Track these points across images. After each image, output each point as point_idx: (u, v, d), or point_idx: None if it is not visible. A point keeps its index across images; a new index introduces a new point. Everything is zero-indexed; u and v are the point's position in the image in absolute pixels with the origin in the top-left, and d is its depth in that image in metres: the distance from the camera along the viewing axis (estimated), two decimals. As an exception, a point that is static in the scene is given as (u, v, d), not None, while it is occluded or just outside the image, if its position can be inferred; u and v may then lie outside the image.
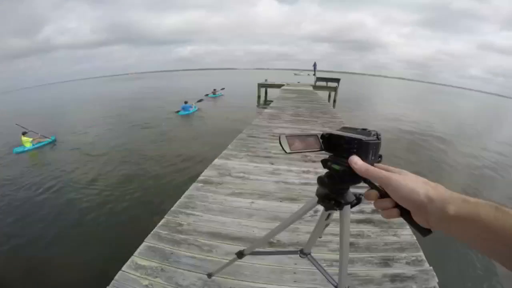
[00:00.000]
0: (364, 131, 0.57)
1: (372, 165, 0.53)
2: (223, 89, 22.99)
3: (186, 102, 14.25)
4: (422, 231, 0.43)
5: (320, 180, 0.66)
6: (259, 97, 21.45)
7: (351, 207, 0.72)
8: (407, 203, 0.43)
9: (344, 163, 0.55)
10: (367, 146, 0.53)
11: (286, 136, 0.60)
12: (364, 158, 0.53)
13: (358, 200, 0.71)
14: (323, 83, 20.31)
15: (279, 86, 20.13)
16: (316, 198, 0.75)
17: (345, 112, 14.08)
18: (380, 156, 0.56)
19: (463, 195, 0.40)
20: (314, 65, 22.05)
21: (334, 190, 0.68)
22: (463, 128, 15.47)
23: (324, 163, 0.63)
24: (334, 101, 20.05)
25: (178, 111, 14.08)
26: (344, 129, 0.62)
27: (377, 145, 0.54)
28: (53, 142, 9.24)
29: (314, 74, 21.43)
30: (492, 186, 7.07)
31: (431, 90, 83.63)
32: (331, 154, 0.61)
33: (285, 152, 0.59)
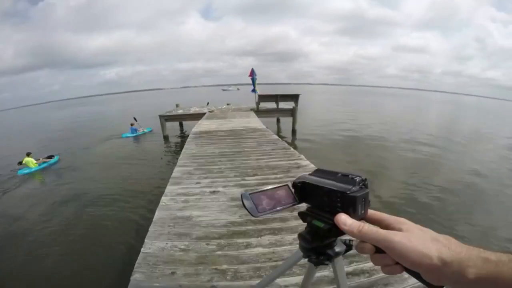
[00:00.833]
0: (346, 178, 0.46)
1: (363, 218, 0.45)
2: (132, 125, 13.77)
3: (132, 125, 13.58)
4: (432, 287, 0.37)
5: (302, 237, 0.57)
6: (166, 138, 12.25)
7: (343, 254, 0.60)
8: (417, 268, 0.37)
9: (328, 219, 0.46)
10: (355, 201, 0.43)
11: (250, 195, 0.49)
12: (352, 213, 0.44)
13: (349, 247, 0.60)
14: (270, 104, 12.27)
15: (195, 116, 11.41)
16: (300, 252, 0.62)
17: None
18: (369, 202, 0.45)
19: (481, 250, 0.35)
20: (252, 73, 12.32)
21: (320, 246, 0.57)
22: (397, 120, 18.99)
23: (303, 217, 0.53)
24: (293, 131, 12.26)
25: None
26: (319, 173, 0.51)
27: (365, 196, 0.44)
28: (57, 162, 9.45)
29: (254, 90, 12.44)
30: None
31: (355, 92, 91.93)
32: (309, 205, 0.52)
33: (252, 215, 0.48)
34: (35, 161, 8.47)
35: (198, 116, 11.42)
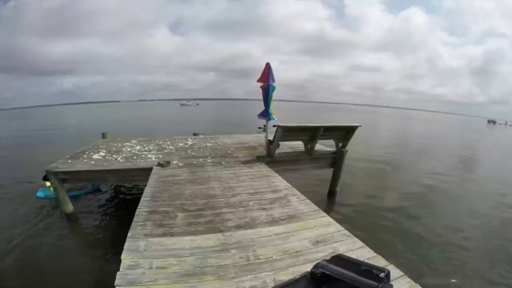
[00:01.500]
0: (370, 273, 0.44)
1: None
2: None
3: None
4: None
5: None
6: (71, 219, 5.11)
7: None
8: None
9: None
10: None
11: None
12: None
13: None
14: (294, 145, 5.97)
15: (125, 175, 4.72)
16: None
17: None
18: None
19: None
20: (268, 75, 4.76)
21: None
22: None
23: None
24: (331, 193, 6.04)
25: None
26: (340, 261, 0.52)
27: None
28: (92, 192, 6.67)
29: (268, 113, 5.10)
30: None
31: (312, 108, 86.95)
32: None
33: None
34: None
35: (132, 174, 4.72)
